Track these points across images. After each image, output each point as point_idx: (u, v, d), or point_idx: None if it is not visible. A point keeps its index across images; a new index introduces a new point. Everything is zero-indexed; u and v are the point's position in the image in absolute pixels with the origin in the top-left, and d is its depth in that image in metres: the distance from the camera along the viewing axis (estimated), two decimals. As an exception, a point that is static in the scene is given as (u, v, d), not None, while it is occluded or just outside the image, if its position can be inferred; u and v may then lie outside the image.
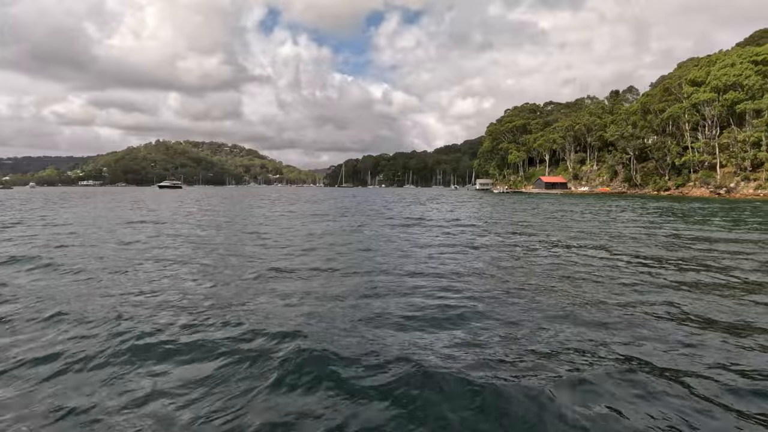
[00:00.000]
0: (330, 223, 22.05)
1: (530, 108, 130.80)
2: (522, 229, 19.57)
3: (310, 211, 31.66)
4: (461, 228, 19.75)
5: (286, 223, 21.68)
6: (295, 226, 20.20)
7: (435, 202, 49.26)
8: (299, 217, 25.85)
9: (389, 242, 14.79)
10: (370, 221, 23.27)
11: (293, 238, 15.60)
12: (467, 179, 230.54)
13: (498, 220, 24.82)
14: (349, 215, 27.91)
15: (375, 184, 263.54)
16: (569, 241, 15.30)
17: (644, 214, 28.56)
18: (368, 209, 34.57)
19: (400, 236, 16.52)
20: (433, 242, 14.77)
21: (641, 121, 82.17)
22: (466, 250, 12.99)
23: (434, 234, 17.29)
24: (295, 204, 43.63)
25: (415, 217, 25.79)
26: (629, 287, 8.37)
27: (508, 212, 31.55)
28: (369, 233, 17.53)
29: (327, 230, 18.65)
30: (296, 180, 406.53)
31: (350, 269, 10.05)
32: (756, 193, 60.47)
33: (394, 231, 18.38)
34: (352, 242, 14.82)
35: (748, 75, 61.41)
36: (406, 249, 13.25)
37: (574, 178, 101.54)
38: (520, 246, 14.10)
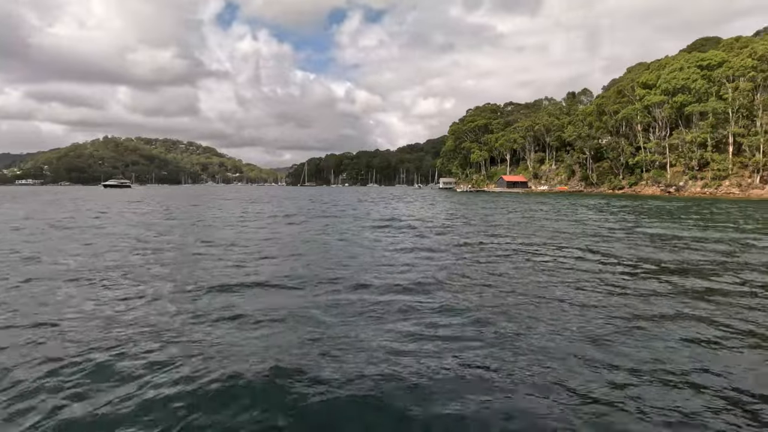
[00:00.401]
0: (292, 226, 20.34)
1: (491, 108, 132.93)
2: (508, 232, 18.71)
3: (270, 212, 29.66)
4: (439, 229, 18.64)
5: (242, 226, 19.77)
6: (251, 229, 18.37)
7: (401, 201, 48.26)
8: (257, 218, 23.89)
9: (362, 248, 13.38)
10: (338, 223, 21.75)
11: (248, 245, 13.86)
12: (430, 178, 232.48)
13: (474, 221, 23.98)
14: (313, 216, 26.22)
15: (338, 183, 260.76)
16: (578, 251, 14.48)
17: (619, 213, 28.75)
18: (334, 209, 32.96)
19: (374, 242, 15.15)
20: (412, 246, 13.49)
21: (597, 122, 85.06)
22: (453, 255, 11.81)
23: (409, 237, 16.05)
24: (255, 204, 41.25)
25: (385, 218, 24.50)
26: (641, 297, 7.42)
27: (481, 212, 30.94)
28: (336, 237, 16.04)
29: (288, 233, 16.98)
30: (257, 179, 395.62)
31: (315, 281, 8.57)
32: (703, 191, 63.84)
33: (367, 234, 16.98)
34: (318, 248, 13.30)
35: (695, 79, 64.64)
36: (383, 256, 11.89)
37: (534, 177, 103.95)
38: (519, 253, 13.09)
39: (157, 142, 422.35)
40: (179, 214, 27.16)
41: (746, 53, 61.28)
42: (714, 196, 60.90)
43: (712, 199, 56.30)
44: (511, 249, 13.06)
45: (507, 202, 45.42)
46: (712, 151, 64.01)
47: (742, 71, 59.92)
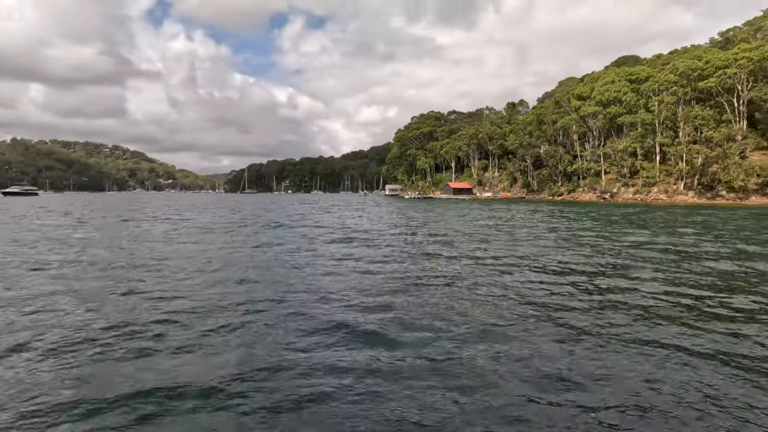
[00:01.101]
0: (230, 242, 17.04)
1: (435, 116, 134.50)
2: (484, 245, 16.75)
3: (201, 223, 25.78)
4: (405, 244, 16.29)
5: (164, 242, 16.17)
6: (173, 246, 14.90)
7: (350, 209, 45.67)
8: (186, 233, 20.16)
9: (322, 274, 10.66)
10: (284, 235, 18.71)
11: (167, 265, 10.63)
12: (375, 185, 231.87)
13: (440, 231, 21.95)
14: (251, 226, 22.88)
15: (281, 189, 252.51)
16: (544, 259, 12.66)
17: (577, 220, 28.19)
18: (276, 218, 29.62)
19: (333, 262, 12.46)
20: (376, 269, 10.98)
21: (537, 131, 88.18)
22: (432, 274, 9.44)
23: (372, 254, 13.51)
24: (186, 213, 36.62)
25: (337, 226, 21.76)
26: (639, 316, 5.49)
27: (441, 220, 29.15)
28: (280, 255, 13.14)
29: (225, 250, 13.79)
30: (192, 185, 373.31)
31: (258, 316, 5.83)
32: (635, 197, 67.61)
33: (322, 249, 14.20)
34: (256, 273, 10.39)
35: (625, 92, 68.63)
36: (343, 281, 9.27)
37: (479, 184, 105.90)
38: (511, 272, 10.98)
39: (77, 146, 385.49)
40: (90, 227, 22.56)
41: (669, 69, 65.99)
42: (645, 201, 64.66)
43: (643, 204, 59.62)
44: (494, 265, 11.00)
45: (459, 210, 44.42)
46: (642, 159, 68.09)
47: (666, 86, 64.35)
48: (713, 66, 62.01)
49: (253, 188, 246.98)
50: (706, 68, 62.55)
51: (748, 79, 60.24)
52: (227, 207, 50.46)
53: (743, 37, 71.19)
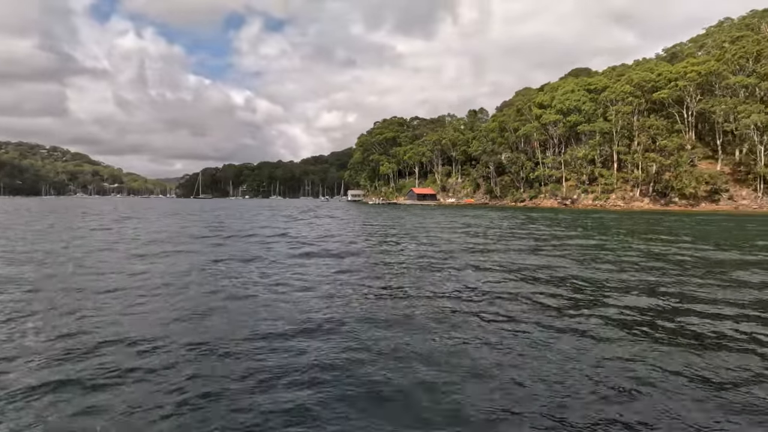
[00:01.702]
0: (171, 256, 14.33)
1: (398, 122, 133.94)
2: (483, 254, 14.98)
3: (144, 232, 22.53)
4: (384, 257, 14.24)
5: (90, 257, 13.23)
6: (101, 264, 12.07)
7: (313, 215, 43.09)
8: (120, 248, 17.10)
9: (288, 302, 8.43)
10: (245, 247, 16.15)
11: (88, 294, 8.03)
12: (336, 190, 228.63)
13: (421, 238, 20.07)
14: (204, 238, 20.03)
15: (238, 195, 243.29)
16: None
17: (553, 226, 27.30)
18: (233, 227, 26.71)
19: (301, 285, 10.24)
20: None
21: (499, 138, 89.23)
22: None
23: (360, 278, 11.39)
24: (128, 221, 32.67)
25: (307, 239, 19.39)
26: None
27: (420, 228, 27.34)
28: (248, 274, 10.74)
29: (174, 268, 11.18)
30: (141, 190, 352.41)
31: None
32: (594, 203, 69.35)
33: (283, 270, 11.89)
34: (206, 304, 8.04)
35: (584, 101, 70.57)
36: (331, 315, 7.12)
37: (442, 189, 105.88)
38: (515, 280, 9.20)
39: (9, 146, 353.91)
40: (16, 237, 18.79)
41: (624, 80, 68.53)
42: (604, 208, 66.42)
43: (602, 210, 61.17)
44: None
45: (431, 216, 43.01)
46: (600, 167, 70.11)
47: (622, 96, 66.68)
48: (665, 78, 64.93)
49: (207, 193, 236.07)
50: (658, 80, 65.41)
51: (696, 92, 63.50)
52: (178, 214, 46.32)
53: (690, 52, 75.45)
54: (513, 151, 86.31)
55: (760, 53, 58.11)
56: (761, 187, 56.91)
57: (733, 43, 65.48)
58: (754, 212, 53.89)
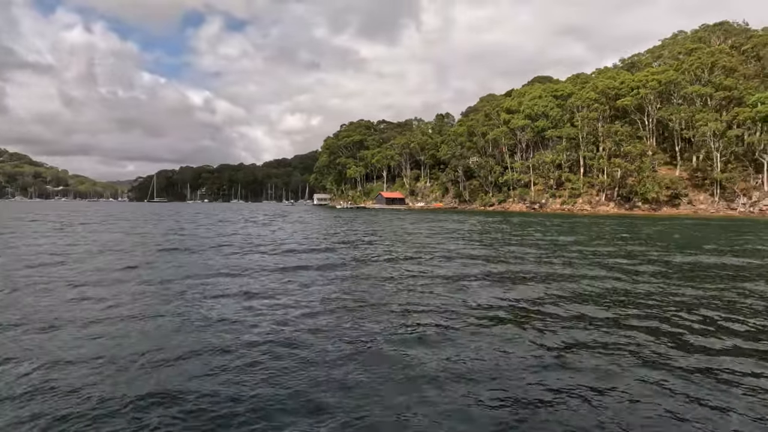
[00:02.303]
0: (114, 271, 11.70)
1: (365, 125, 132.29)
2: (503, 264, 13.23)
3: (87, 241, 19.33)
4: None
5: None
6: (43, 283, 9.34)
7: (283, 221, 40.34)
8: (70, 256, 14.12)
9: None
10: (214, 260, 13.65)
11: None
12: (300, 194, 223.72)
13: (418, 248, 18.20)
14: (157, 246, 17.25)
15: (196, 198, 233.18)
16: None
17: (544, 232, 26.22)
18: (206, 234, 23.79)
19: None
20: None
21: (468, 143, 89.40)
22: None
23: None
24: (71, 228, 28.75)
25: (281, 248, 17.04)
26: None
27: (401, 233, 25.46)
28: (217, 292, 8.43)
29: (116, 288, 8.68)
30: (89, 193, 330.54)
31: None
32: (562, 207, 70.40)
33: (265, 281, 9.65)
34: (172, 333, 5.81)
35: (551, 107, 71.66)
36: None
37: (411, 194, 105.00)
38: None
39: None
40: None
41: (589, 87, 70.17)
42: (571, 212, 67.50)
43: (569, 214, 61.98)
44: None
45: (405, 221, 41.34)
46: (568, 171, 71.31)
47: (588, 102, 68.20)
48: (627, 86, 66.99)
49: (163, 197, 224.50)
50: (621, 88, 67.39)
51: (656, 100, 65.86)
52: (126, 219, 42.14)
53: (647, 62, 78.57)
54: (482, 155, 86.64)
55: (714, 64, 60.99)
56: (717, 191, 59.54)
57: (689, 54, 68.60)
58: (711, 216, 56.22)
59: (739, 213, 56.96)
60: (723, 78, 59.05)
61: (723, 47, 66.23)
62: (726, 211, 58.37)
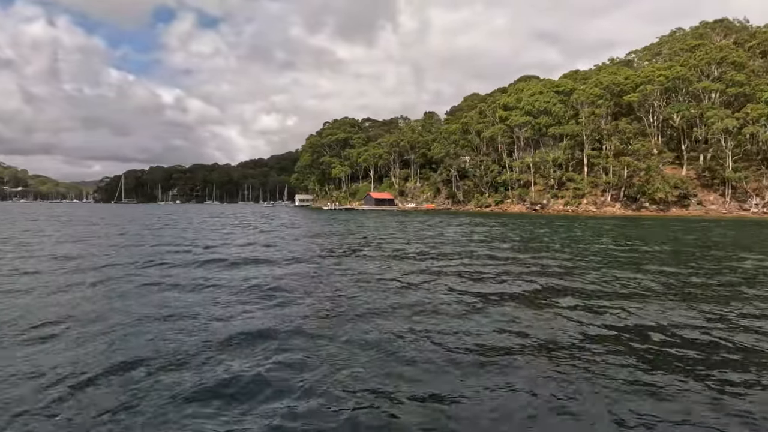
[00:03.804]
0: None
1: (350, 122, 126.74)
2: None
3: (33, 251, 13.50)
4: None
5: None
6: None
7: (276, 224, 34.70)
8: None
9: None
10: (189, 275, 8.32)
11: None
12: (278, 195, 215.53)
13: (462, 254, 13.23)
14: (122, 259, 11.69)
15: (168, 199, 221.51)
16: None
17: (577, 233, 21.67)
18: (170, 248, 18.12)
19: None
20: None
21: (461, 141, 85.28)
22: None
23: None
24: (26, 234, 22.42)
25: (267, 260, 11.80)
26: None
27: (423, 235, 20.40)
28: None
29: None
30: (51, 194, 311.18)
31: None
32: (566, 209, 66.92)
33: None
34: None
35: (554, 103, 68.21)
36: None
37: (400, 194, 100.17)
38: None
39: None
40: None
41: (592, 83, 67.08)
42: (576, 213, 64.12)
43: (574, 216, 58.51)
44: None
45: (407, 223, 36.37)
46: (572, 170, 67.97)
47: (592, 98, 65.03)
48: (632, 82, 64.19)
49: (131, 197, 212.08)
50: (626, 84, 64.54)
51: (662, 97, 63.27)
52: (87, 222, 35.52)
53: (647, 59, 76.41)
54: (477, 154, 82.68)
55: (723, 59, 58.76)
56: (729, 192, 57.21)
57: (691, 51, 66.48)
58: (724, 217, 53.70)
59: (752, 214, 54.72)
60: (734, 73, 56.78)
61: (727, 43, 64.34)
62: (738, 212, 56.07)
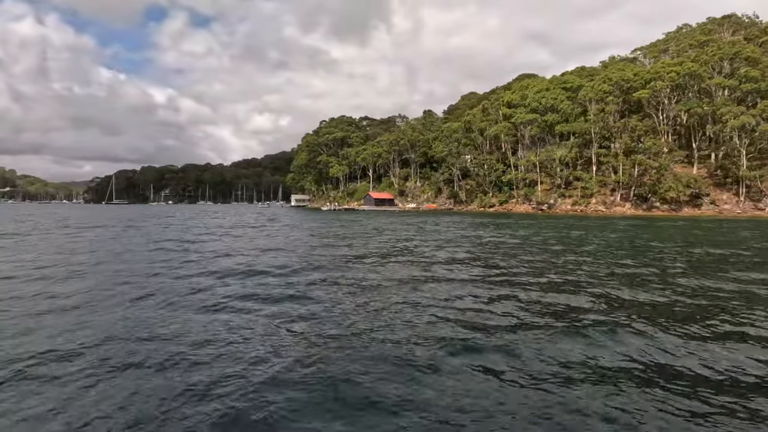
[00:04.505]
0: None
1: (348, 121, 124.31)
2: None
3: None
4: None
5: None
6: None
7: (283, 227, 32.22)
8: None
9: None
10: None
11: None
12: (272, 195, 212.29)
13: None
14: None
15: (160, 200, 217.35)
16: None
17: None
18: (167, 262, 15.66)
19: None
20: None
21: (464, 139, 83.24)
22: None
23: None
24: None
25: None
26: None
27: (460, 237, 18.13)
28: None
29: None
30: (40, 194, 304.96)
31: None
32: (574, 208, 64.99)
33: None
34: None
35: (562, 99, 66.32)
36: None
37: (400, 194, 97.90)
38: None
39: None
40: None
41: (601, 79, 65.31)
42: (584, 213, 62.21)
43: (583, 216, 56.59)
44: None
45: (426, 224, 34.09)
46: (580, 169, 66.13)
47: (601, 95, 63.24)
48: (642, 78, 62.49)
49: (123, 198, 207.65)
50: (635, 80, 62.83)
51: (672, 94, 61.64)
52: (63, 223, 32.76)
53: (655, 55, 74.85)
54: (481, 152, 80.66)
55: (737, 54, 57.22)
56: (743, 191, 55.65)
57: (701, 47, 64.98)
58: (738, 217, 52.10)
59: None
60: (748, 69, 55.24)
61: (738, 39, 62.91)
62: (753, 211, 54.51)
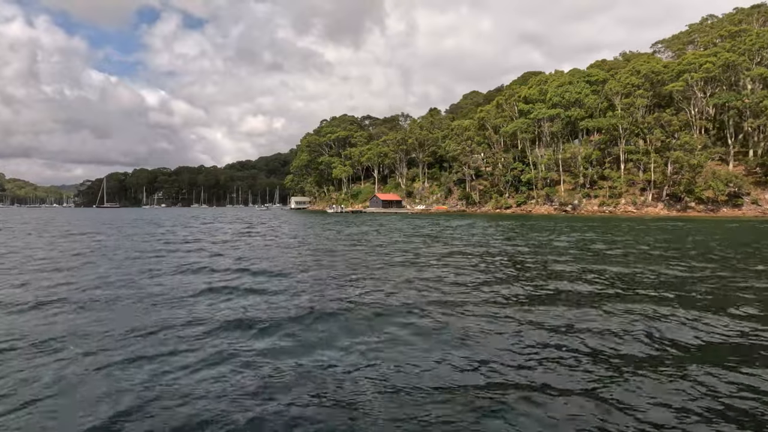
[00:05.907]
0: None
1: (350, 119, 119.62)
2: None
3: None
4: None
5: None
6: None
7: (309, 236, 27.43)
8: None
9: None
10: None
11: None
12: (268, 197, 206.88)
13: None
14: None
15: (153, 203, 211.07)
16: None
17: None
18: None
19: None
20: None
21: (477, 137, 78.83)
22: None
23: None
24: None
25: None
26: None
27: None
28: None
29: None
30: (30, 198, 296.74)
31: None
32: (601, 209, 60.66)
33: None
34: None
35: (586, 93, 62.10)
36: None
37: (408, 195, 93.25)
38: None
39: None
40: None
41: (627, 71, 61.20)
42: (613, 214, 57.92)
43: (611, 217, 52.35)
44: None
45: (445, 228, 29.43)
46: (608, 167, 61.90)
47: (629, 88, 59.11)
48: (672, 71, 58.46)
49: (114, 201, 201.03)
50: (666, 72, 58.79)
51: (706, 87, 57.68)
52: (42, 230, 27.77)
53: (679, 47, 70.98)
54: (496, 151, 76.25)
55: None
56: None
57: (733, 37, 61.06)
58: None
59: (818, 214, 49.24)
60: (792, 59, 51.39)
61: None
62: (800, 211, 50.56)
